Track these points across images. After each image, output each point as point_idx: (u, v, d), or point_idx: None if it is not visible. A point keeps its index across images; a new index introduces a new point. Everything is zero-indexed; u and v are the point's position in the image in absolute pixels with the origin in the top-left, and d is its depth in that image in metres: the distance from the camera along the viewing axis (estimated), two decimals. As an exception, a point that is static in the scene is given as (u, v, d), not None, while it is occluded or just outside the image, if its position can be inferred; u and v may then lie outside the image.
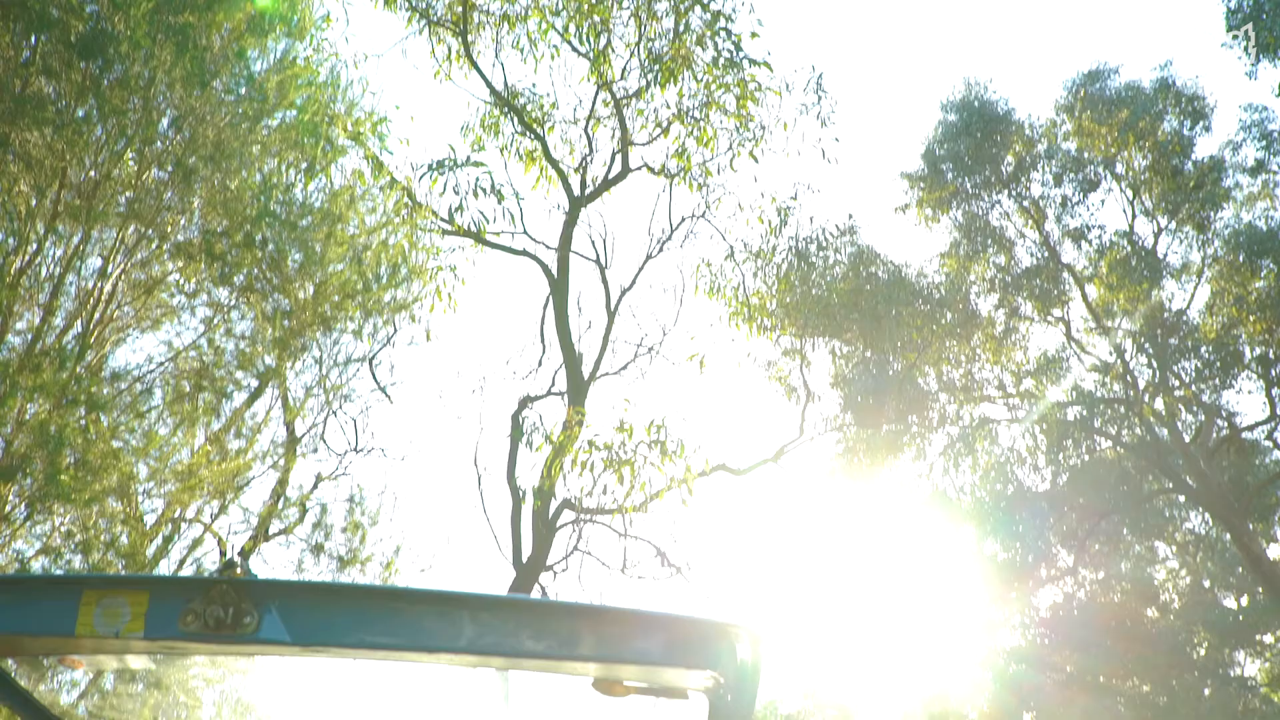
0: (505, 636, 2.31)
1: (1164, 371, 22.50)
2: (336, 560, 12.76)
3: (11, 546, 9.58)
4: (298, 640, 2.35)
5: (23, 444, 8.49)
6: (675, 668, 2.34)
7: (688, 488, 14.05)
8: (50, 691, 3.35)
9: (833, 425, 23.19)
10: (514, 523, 16.13)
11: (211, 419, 11.92)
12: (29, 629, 2.41)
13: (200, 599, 2.32)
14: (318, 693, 3.48)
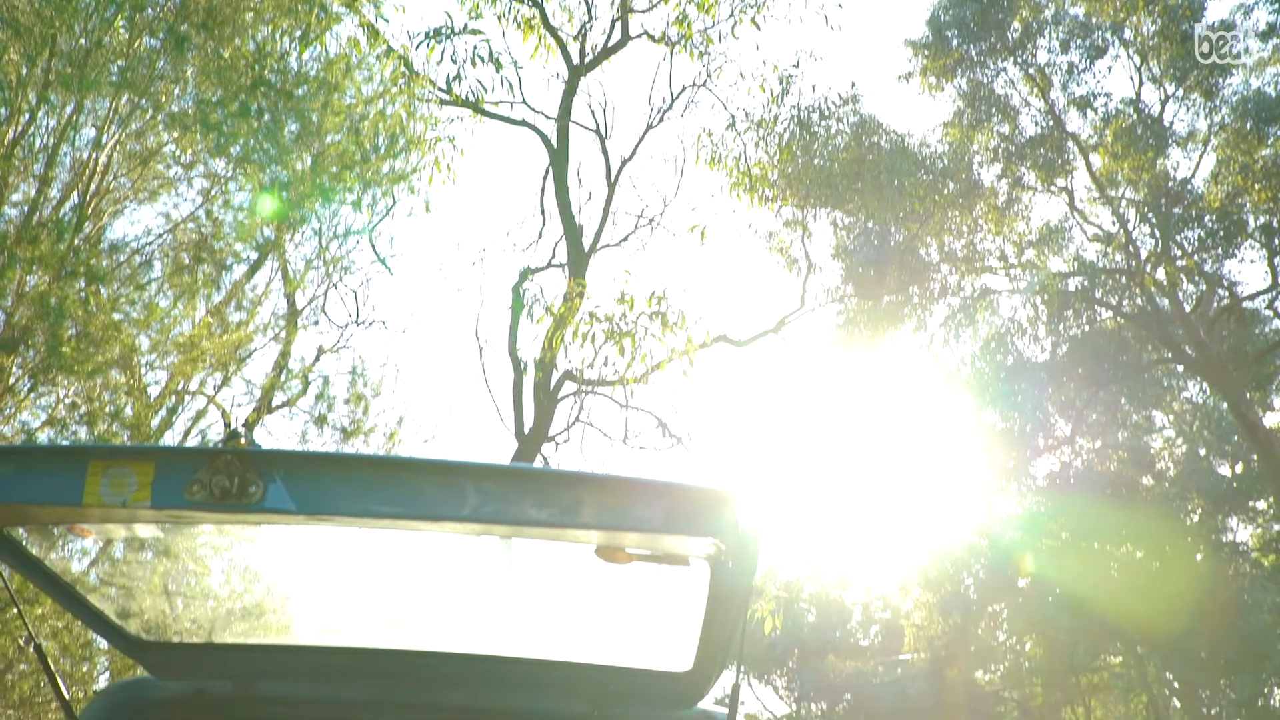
0: (508, 505, 2.33)
1: (1166, 241, 22.40)
2: (339, 431, 12.87)
3: (17, 419, 9.65)
4: (303, 509, 2.36)
5: (23, 316, 8.50)
6: (677, 535, 2.37)
7: (689, 359, 14.10)
8: (61, 559, 3.41)
9: (834, 296, 23.20)
10: (515, 394, 16.22)
11: (212, 291, 11.92)
12: (37, 498, 2.43)
13: (206, 469, 2.33)
14: (323, 561, 3.52)
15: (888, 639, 44.76)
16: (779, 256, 24.48)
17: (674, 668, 3.26)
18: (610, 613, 3.44)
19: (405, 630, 3.83)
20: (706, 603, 2.82)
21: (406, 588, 3.70)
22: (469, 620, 3.82)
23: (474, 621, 3.82)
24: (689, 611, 2.95)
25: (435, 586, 3.66)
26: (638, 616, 3.45)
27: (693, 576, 2.69)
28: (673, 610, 3.11)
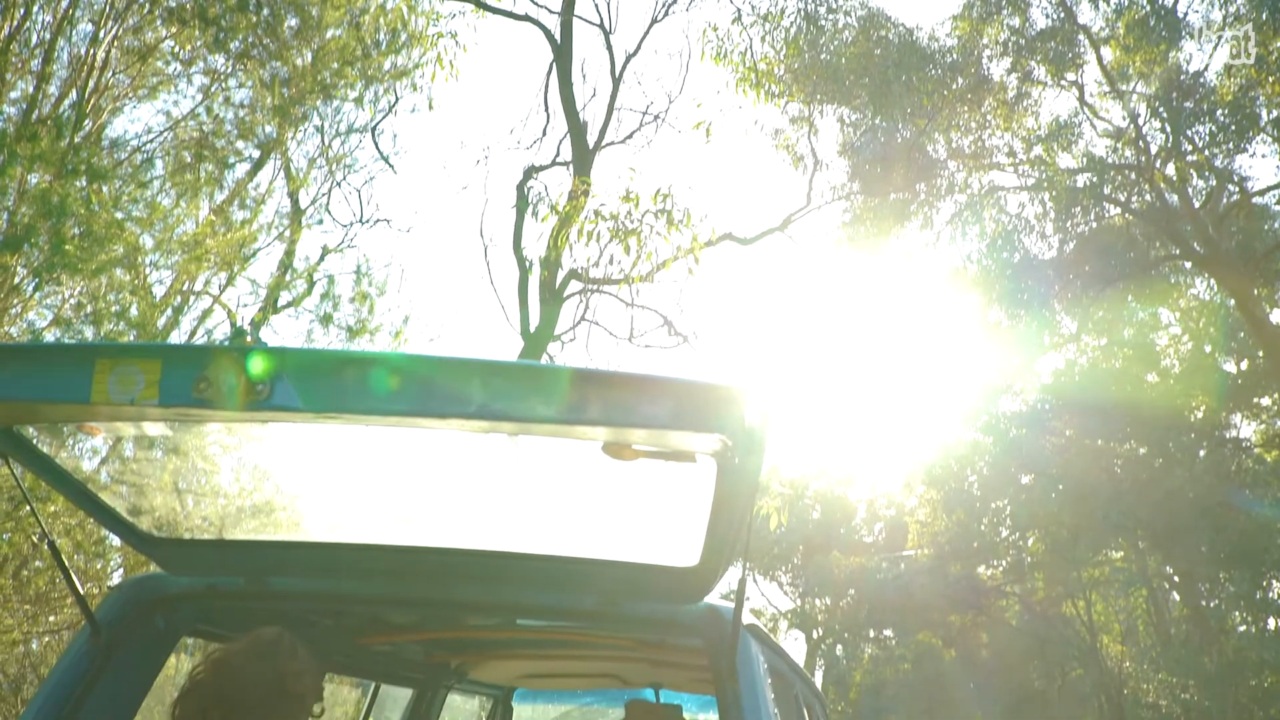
0: (515, 402, 2.33)
1: (1177, 136, 22.14)
2: (345, 330, 12.88)
3: (23, 319, 9.66)
4: (310, 407, 2.37)
5: (26, 215, 8.46)
6: (683, 431, 2.37)
7: (694, 257, 14.04)
8: (71, 458, 3.44)
9: (840, 194, 23.04)
10: (521, 293, 16.20)
11: (214, 190, 11.86)
12: (45, 396, 2.44)
13: (212, 366, 2.34)
14: (332, 458, 3.54)
15: (891, 535, 45.27)
16: (785, 154, 24.29)
17: (681, 563, 3.29)
18: (617, 509, 3.47)
19: (413, 527, 3.86)
20: (713, 498, 2.84)
21: (414, 485, 3.72)
22: (476, 517, 3.86)
23: (481, 518, 3.85)
24: (695, 507, 2.97)
25: (443, 484, 3.68)
26: (644, 512, 3.47)
27: (699, 473, 2.71)
28: (679, 506, 3.13)
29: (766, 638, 3.78)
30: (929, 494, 32.10)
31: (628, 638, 4.82)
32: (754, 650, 3.34)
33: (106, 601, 3.66)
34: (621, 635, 4.79)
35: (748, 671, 3.26)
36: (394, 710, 7.45)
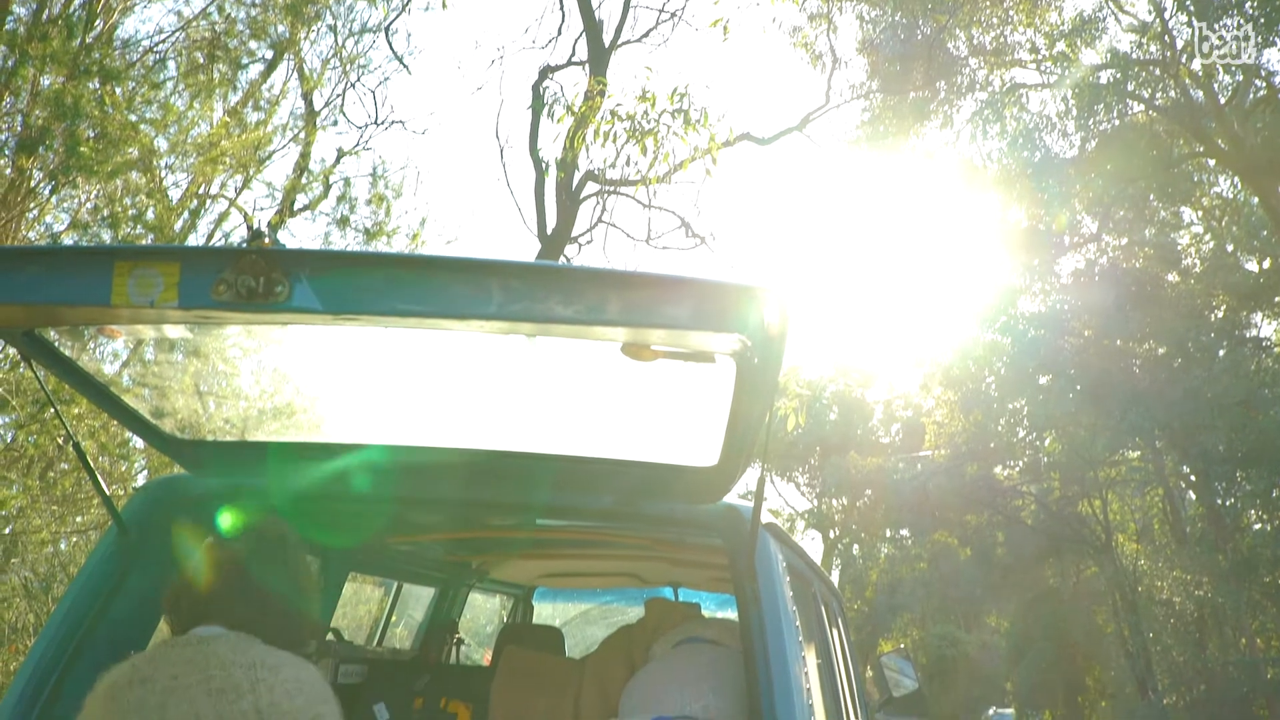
0: (534, 303, 2.32)
1: (1204, 30, 21.70)
2: (362, 233, 12.85)
3: (42, 222, 9.66)
4: (329, 309, 2.36)
5: (40, 117, 8.41)
6: (702, 331, 2.36)
7: (711, 158, 13.90)
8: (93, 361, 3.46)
9: (859, 92, 22.75)
10: (538, 195, 16.11)
11: (228, 91, 11.75)
12: (65, 299, 2.44)
13: (231, 269, 2.33)
14: (352, 360, 3.55)
15: (908, 436, 45.44)
16: (803, 52, 23.91)
17: (699, 463, 3.31)
18: (636, 409, 3.48)
19: (434, 428, 3.89)
20: (732, 399, 2.84)
21: (434, 387, 3.74)
22: (496, 418, 3.87)
23: (501, 419, 3.87)
24: (714, 408, 2.98)
25: (462, 385, 3.69)
26: (663, 413, 3.48)
27: (718, 373, 2.70)
28: (698, 406, 3.14)
29: (785, 536, 3.81)
30: (946, 395, 32.12)
31: (646, 537, 4.86)
32: (772, 548, 3.37)
33: (132, 502, 3.70)
34: (640, 535, 4.84)
35: (766, 569, 3.29)
36: (416, 609, 7.57)
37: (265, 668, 2.56)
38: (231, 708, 2.48)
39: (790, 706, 3.02)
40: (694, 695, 3.57)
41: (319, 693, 2.58)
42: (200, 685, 2.52)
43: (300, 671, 2.59)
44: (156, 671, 2.59)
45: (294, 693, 2.52)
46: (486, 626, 9.23)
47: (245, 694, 2.50)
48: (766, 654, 3.12)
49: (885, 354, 54.69)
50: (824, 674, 4.40)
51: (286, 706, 2.49)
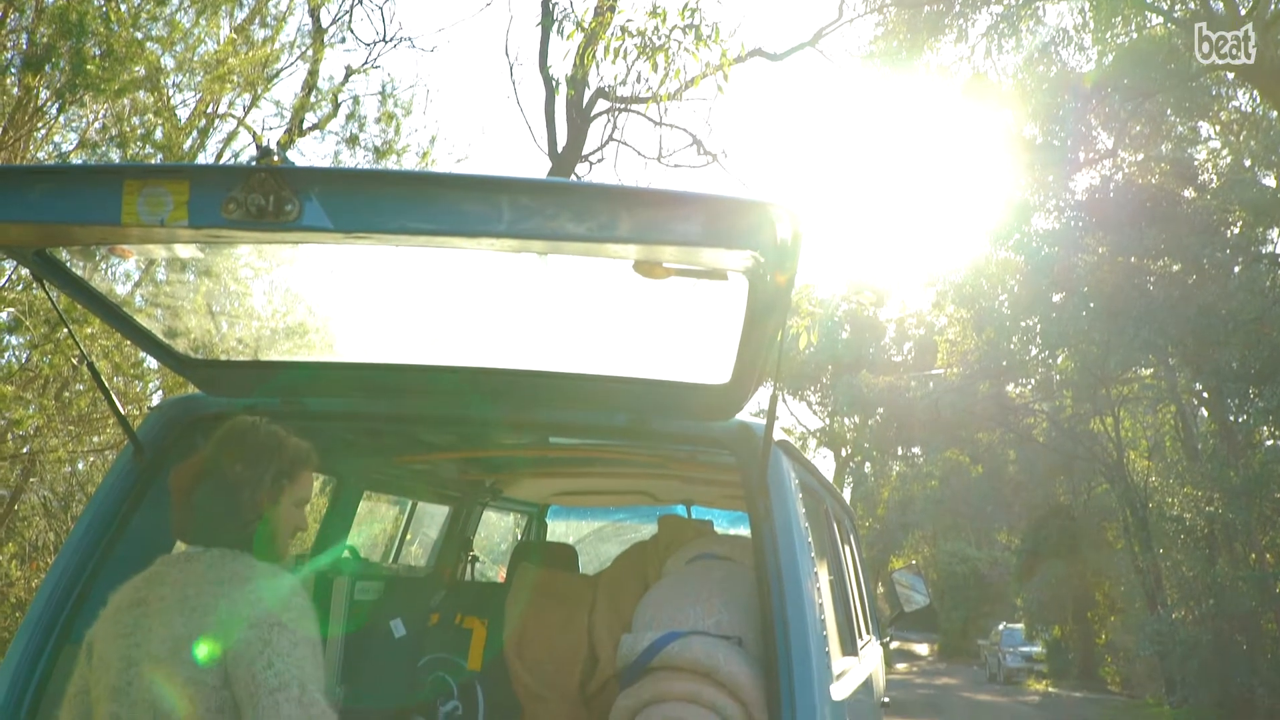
0: (546, 220, 2.31)
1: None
2: (372, 152, 12.78)
3: (50, 141, 9.62)
4: (339, 227, 2.35)
5: (45, 35, 8.33)
6: (715, 248, 2.35)
7: (723, 74, 13.74)
8: (105, 281, 3.47)
9: (872, 6, 22.36)
10: (548, 113, 15.99)
11: (234, 8, 11.62)
12: (75, 218, 2.43)
13: (241, 187, 2.32)
14: (363, 280, 3.55)
15: (920, 354, 45.49)
16: (816, -36, 23.55)
17: (712, 380, 3.31)
18: (649, 327, 3.47)
19: (446, 347, 3.89)
20: (744, 316, 2.83)
21: (447, 306, 3.73)
22: (509, 337, 3.87)
23: (514, 338, 3.87)
24: (727, 325, 2.97)
25: (475, 304, 3.68)
26: (676, 331, 3.48)
27: (730, 290, 2.69)
28: (711, 324, 3.13)
29: (797, 453, 3.83)
30: (959, 313, 32.04)
31: (659, 454, 4.88)
32: (785, 465, 3.38)
33: (147, 422, 3.72)
34: (653, 452, 4.86)
35: (779, 485, 3.30)
36: (431, 527, 7.63)
37: (234, 582, 2.60)
38: (201, 622, 2.54)
39: (802, 621, 3.05)
40: (707, 611, 3.60)
41: (281, 602, 2.60)
42: (178, 605, 2.59)
43: (267, 582, 2.62)
44: (150, 593, 2.66)
45: (254, 602, 2.56)
46: (501, 544, 9.31)
47: (211, 610, 2.55)
48: (779, 569, 3.14)
49: (898, 272, 54.51)
50: (836, 589, 4.44)
51: (244, 614, 2.53)
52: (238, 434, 2.79)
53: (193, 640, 2.52)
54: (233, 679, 2.50)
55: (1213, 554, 24.31)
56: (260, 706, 2.46)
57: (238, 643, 2.51)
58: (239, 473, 2.73)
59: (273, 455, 2.78)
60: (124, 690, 2.56)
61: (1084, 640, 38.10)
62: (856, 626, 5.16)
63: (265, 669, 2.49)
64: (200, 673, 2.51)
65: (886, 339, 50.40)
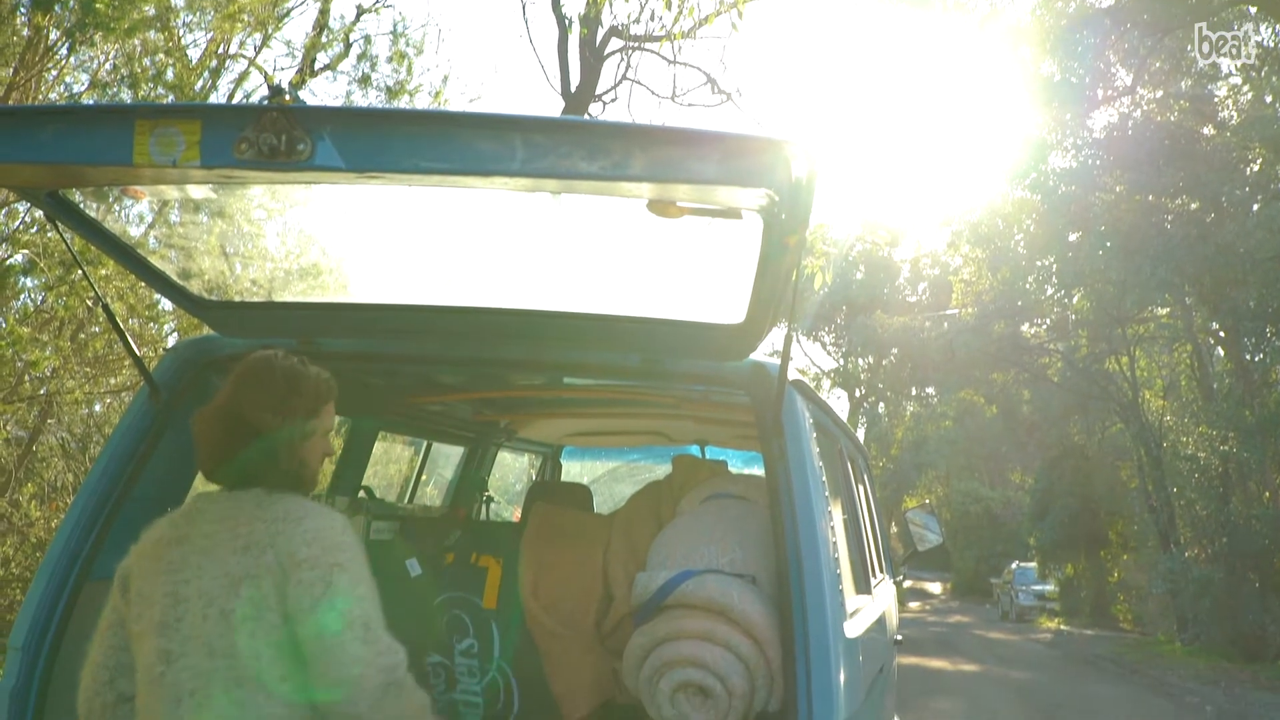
0: (559, 159, 2.30)
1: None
2: (384, 92, 12.71)
3: (61, 83, 9.59)
4: (352, 166, 2.35)
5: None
6: (729, 186, 2.33)
7: (737, 11, 13.60)
8: (119, 222, 3.46)
9: (889, -59, 22.10)
10: (561, 52, 15.89)
11: (245, -54, 11.52)
12: (88, 159, 2.43)
13: (252, 126, 2.31)
14: (377, 220, 3.54)
15: (935, 294, 45.37)
16: (833, -102, 23.22)
17: (726, 320, 3.30)
18: (663, 267, 3.46)
19: (460, 287, 3.88)
20: (758, 255, 2.82)
21: (460, 246, 3.72)
22: (523, 277, 3.87)
23: (528, 278, 3.86)
24: (741, 265, 2.96)
25: (488, 244, 3.68)
26: (690, 270, 3.47)
27: (745, 229, 2.68)
28: (725, 264, 3.12)
29: (811, 393, 3.82)
30: (974, 253, 31.91)
31: (674, 395, 4.89)
32: (799, 405, 3.38)
33: (163, 363, 3.74)
34: (668, 392, 4.86)
35: (793, 425, 3.30)
36: (446, 468, 7.67)
37: (287, 521, 2.60)
38: (255, 562, 2.55)
39: (816, 559, 3.07)
40: (721, 549, 3.62)
41: (337, 542, 2.61)
42: (229, 543, 2.59)
43: (321, 521, 2.63)
44: (192, 530, 2.66)
45: (310, 542, 2.57)
46: (516, 485, 9.37)
47: (266, 548, 2.56)
48: (793, 508, 3.15)
49: (913, 212, 54.23)
50: (849, 528, 4.46)
51: (304, 555, 2.54)
52: (256, 375, 2.76)
53: (250, 578, 2.54)
54: (295, 621, 2.52)
55: (1226, 493, 24.33)
56: (328, 649, 2.49)
57: (299, 585, 2.53)
58: (269, 421, 2.71)
59: (297, 395, 2.76)
60: (173, 626, 2.57)
61: (1096, 579, 38.27)
62: (870, 565, 5.18)
63: (329, 611, 2.51)
64: (258, 610, 2.53)
65: (901, 279, 50.23)
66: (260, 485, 2.70)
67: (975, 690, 17.96)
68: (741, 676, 3.32)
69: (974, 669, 21.49)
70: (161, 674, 2.55)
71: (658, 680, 3.41)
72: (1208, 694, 17.97)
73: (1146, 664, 22.93)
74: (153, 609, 2.61)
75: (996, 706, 15.75)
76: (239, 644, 2.52)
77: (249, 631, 2.52)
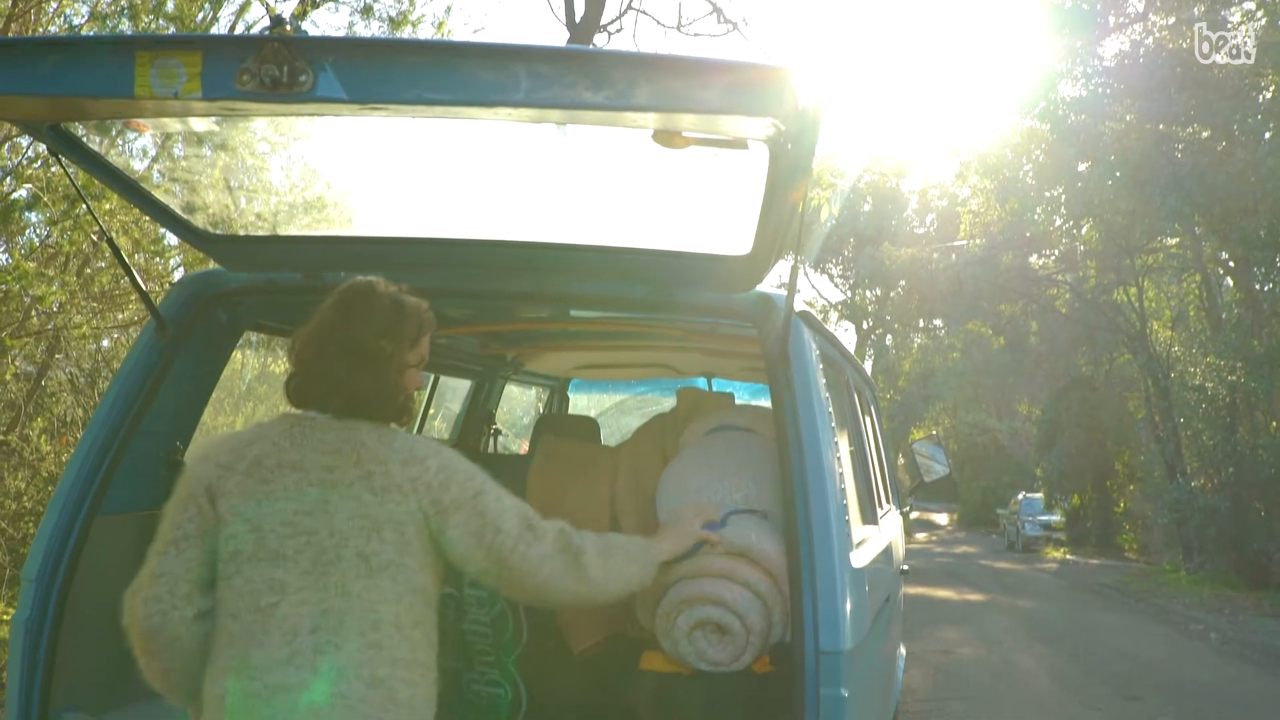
0: (563, 89, 2.28)
1: None
2: (386, 22, 12.59)
3: (62, 15, 9.51)
4: (354, 98, 2.33)
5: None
6: (735, 116, 2.32)
7: (744, -62, 13.42)
8: (122, 155, 3.46)
9: None
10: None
11: None
12: (88, 90, 2.41)
13: (254, 58, 2.29)
14: (381, 153, 3.52)
15: (943, 226, 45.13)
16: None
17: (733, 251, 3.29)
18: (668, 198, 3.45)
19: (466, 220, 3.87)
20: (765, 186, 2.80)
21: (465, 178, 3.71)
22: (528, 209, 3.86)
23: (533, 210, 3.85)
24: (747, 195, 2.95)
25: (493, 176, 3.66)
26: (696, 201, 3.45)
27: (751, 160, 2.66)
28: (731, 195, 3.11)
29: (818, 324, 3.82)
30: (983, 184, 31.71)
31: (680, 327, 4.89)
32: (805, 336, 3.38)
33: (169, 297, 3.74)
34: (674, 325, 4.86)
35: (799, 357, 3.30)
36: (454, 401, 7.70)
37: (414, 461, 2.59)
38: (398, 509, 2.54)
39: (823, 490, 3.08)
40: (734, 485, 3.62)
41: (464, 470, 2.64)
42: (361, 481, 2.55)
43: (443, 457, 2.64)
44: (304, 458, 2.58)
45: (447, 483, 2.59)
46: (523, 418, 9.40)
47: (409, 495, 2.55)
48: (799, 439, 3.16)
49: (921, 143, 53.86)
50: (856, 459, 4.47)
51: (449, 499, 2.58)
52: (365, 300, 2.71)
53: (393, 524, 2.53)
54: (469, 560, 2.60)
55: (1233, 423, 24.35)
56: (513, 567, 2.61)
57: (458, 528, 2.58)
58: (383, 348, 2.66)
59: (403, 323, 2.72)
60: (290, 558, 2.51)
61: (1102, 509, 38.46)
62: (876, 496, 5.21)
63: (496, 536, 2.59)
64: (400, 555, 2.53)
65: (909, 211, 49.99)
66: (368, 416, 2.65)
67: (981, 619, 18.12)
68: (759, 614, 3.35)
69: (980, 598, 21.67)
70: (274, 605, 2.49)
71: (675, 616, 3.43)
72: (1211, 621, 18.12)
73: (1151, 592, 23.10)
74: (259, 534, 2.53)
75: (1002, 635, 15.90)
76: (382, 587, 2.51)
77: (390, 576, 2.52)
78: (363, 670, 2.48)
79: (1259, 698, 11.51)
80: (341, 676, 2.48)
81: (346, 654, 2.48)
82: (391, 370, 2.67)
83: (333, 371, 2.64)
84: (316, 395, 2.67)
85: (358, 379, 2.63)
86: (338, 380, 2.63)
